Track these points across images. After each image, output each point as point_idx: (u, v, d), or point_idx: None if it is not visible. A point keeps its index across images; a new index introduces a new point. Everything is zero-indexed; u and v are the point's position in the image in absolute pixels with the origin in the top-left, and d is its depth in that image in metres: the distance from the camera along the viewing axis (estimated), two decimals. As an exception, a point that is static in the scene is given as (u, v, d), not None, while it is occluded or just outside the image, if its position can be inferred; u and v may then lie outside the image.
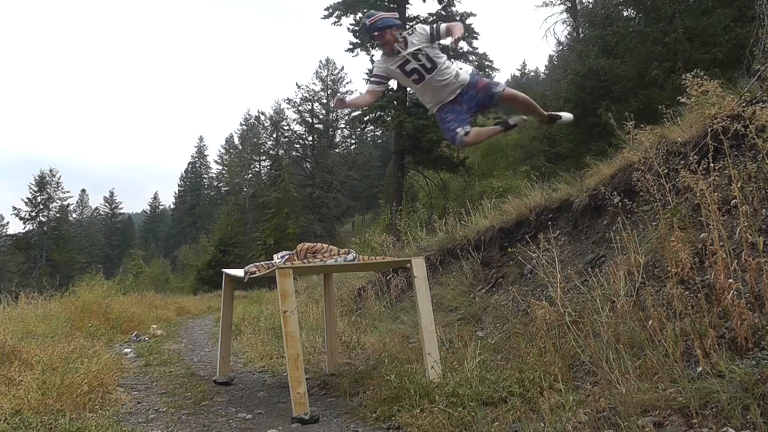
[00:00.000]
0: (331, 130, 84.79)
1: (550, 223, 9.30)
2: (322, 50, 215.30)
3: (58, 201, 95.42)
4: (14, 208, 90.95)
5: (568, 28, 45.89)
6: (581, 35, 39.27)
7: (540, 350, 5.73)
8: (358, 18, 47.16)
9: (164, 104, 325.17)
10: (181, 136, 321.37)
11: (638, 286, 5.65)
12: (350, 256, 6.99)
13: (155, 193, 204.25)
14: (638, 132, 7.40)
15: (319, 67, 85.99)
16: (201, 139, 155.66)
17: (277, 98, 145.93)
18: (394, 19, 6.93)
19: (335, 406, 6.54)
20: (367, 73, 49.14)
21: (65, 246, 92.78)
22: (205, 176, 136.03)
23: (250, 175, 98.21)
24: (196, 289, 68.65)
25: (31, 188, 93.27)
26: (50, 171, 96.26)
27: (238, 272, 6.64)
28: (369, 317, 12.15)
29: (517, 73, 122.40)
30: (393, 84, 48.62)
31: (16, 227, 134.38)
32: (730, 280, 4.54)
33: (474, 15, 48.60)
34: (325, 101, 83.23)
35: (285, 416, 6.21)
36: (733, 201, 5.02)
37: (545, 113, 7.36)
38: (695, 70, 6.84)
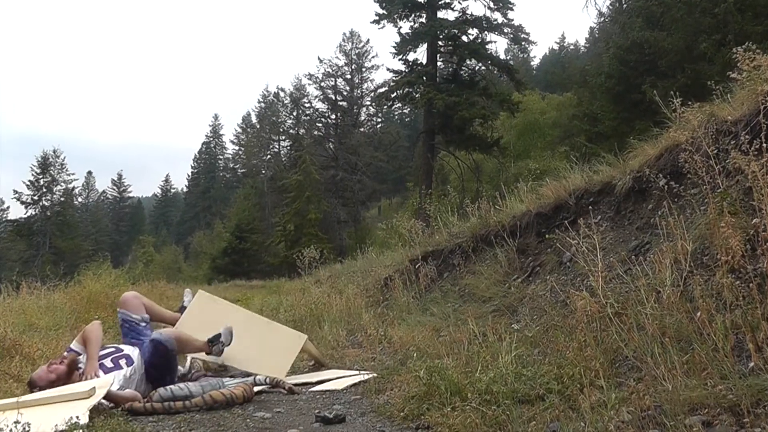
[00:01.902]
0: (355, 107, 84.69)
1: (590, 207, 9.24)
2: (345, 22, 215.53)
3: (62, 184, 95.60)
4: (15, 192, 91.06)
5: (611, -2, 45.58)
6: (624, 6, 39.22)
7: (580, 344, 5.71)
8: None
9: (177, 79, 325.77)
10: (195, 114, 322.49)
11: (685, 275, 5.61)
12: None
13: (167, 175, 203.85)
14: (685, 110, 7.34)
15: (343, 40, 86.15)
16: (216, 117, 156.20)
17: (298, 73, 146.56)
18: None
19: (360, 404, 6.57)
20: (394, 47, 49.01)
21: (70, 232, 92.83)
22: (221, 157, 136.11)
23: (269, 156, 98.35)
24: (210, 279, 68.70)
25: (33, 170, 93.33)
26: (54, 151, 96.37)
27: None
28: (396, 309, 12.14)
29: (556, 47, 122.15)
30: (421, 57, 48.62)
31: (17, 212, 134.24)
32: (785, 269, 4.52)
33: (509, -18, 48.43)
34: (349, 77, 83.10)
35: (306, 415, 6.23)
36: (788, 183, 4.98)
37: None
38: (747, 43, 6.76)
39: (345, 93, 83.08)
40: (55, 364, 6.85)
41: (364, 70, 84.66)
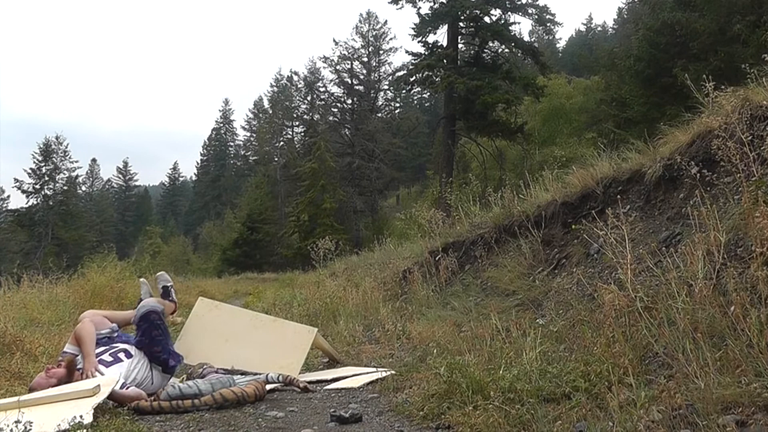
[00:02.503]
0: (372, 92, 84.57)
1: (619, 196, 9.22)
2: (362, 2, 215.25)
3: (65, 172, 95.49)
4: (16, 180, 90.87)
5: (641, -24, 45.38)
6: (655, -16, 38.87)
7: (608, 340, 5.69)
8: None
9: (186, 63, 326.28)
10: (205, 99, 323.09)
11: (718, 267, 5.60)
12: None
13: (175, 163, 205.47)
14: (718, 94, 7.32)
15: (360, 22, 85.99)
16: (226, 102, 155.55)
17: (312, 56, 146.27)
18: None
19: (377, 402, 6.57)
20: (413, 28, 48.99)
21: (73, 222, 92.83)
22: (231, 144, 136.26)
23: (282, 143, 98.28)
24: (220, 271, 69.01)
25: (34, 157, 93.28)
26: (56, 138, 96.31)
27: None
28: (415, 303, 12.16)
29: (582, 28, 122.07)
30: (442, 39, 48.59)
31: (18, 201, 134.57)
32: (824, 261, 4.50)
33: (534, -39, 48.30)
34: (365, 60, 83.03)
35: (321, 414, 6.22)
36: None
37: None
38: (784, 23, 6.74)
39: (362, 77, 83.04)
40: (53, 368, 6.84)
41: (381, 52, 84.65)
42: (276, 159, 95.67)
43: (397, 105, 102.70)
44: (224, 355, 8.17)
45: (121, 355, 7.26)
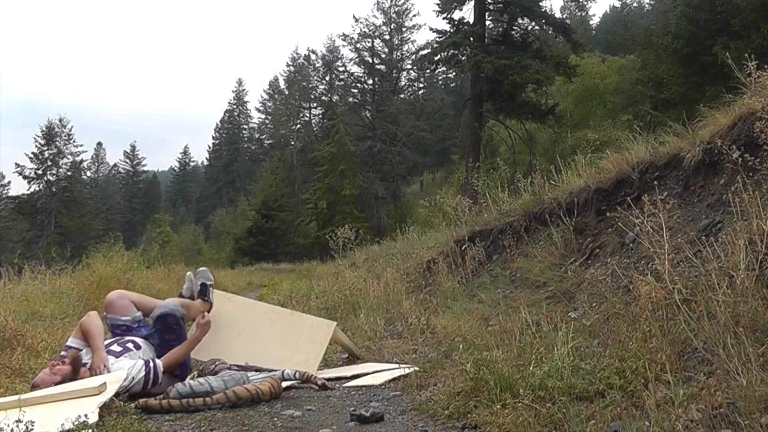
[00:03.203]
0: (394, 71, 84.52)
1: (656, 182, 9.16)
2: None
3: (69, 156, 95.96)
4: (17, 165, 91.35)
5: (679, -52, 45.15)
6: (694, -42, 38.70)
7: (644, 334, 5.68)
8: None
9: (196, 40, 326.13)
10: (217, 79, 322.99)
11: (761, 257, 5.57)
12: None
13: (185, 147, 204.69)
14: (761, 74, 7.29)
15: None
16: (240, 82, 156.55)
17: (331, 34, 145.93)
18: None
19: (400, 401, 6.58)
20: (438, 4, 48.90)
21: (77, 210, 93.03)
22: (245, 127, 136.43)
23: (299, 126, 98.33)
24: (234, 262, 69.20)
25: (37, 141, 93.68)
26: (60, 120, 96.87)
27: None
28: (440, 295, 12.16)
29: (617, 4, 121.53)
30: (468, 16, 48.44)
31: (19, 188, 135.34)
32: None
33: (565, -67, 48.20)
34: (387, 38, 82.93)
35: (341, 413, 6.22)
36: None
37: None
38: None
39: (383, 56, 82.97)
40: (57, 365, 6.81)
41: (404, 30, 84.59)
42: (292, 143, 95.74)
43: (421, 85, 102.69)
44: (238, 351, 8.18)
45: (130, 346, 7.30)
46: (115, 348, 7.19)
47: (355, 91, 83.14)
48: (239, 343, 8.37)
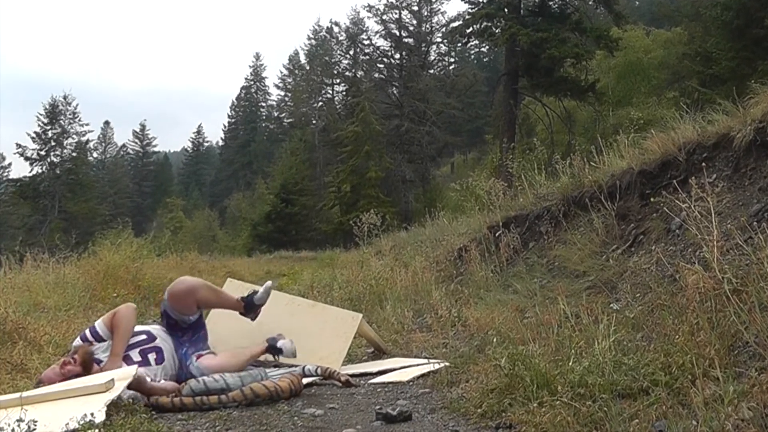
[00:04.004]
0: (424, 45, 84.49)
1: (704, 164, 9.12)
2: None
3: (74, 136, 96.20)
4: (18, 146, 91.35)
5: None
6: None
7: (691, 327, 5.66)
8: None
9: (210, 11, 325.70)
10: (233, 54, 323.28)
11: (819, 244, 5.56)
12: None
13: (198, 126, 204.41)
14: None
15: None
16: (257, 56, 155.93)
17: (355, 5, 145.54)
18: None
19: (429, 398, 6.57)
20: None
21: (83, 194, 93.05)
22: (263, 105, 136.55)
23: (321, 104, 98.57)
24: (251, 249, 69.38)
25: (39, 120, 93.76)
26: (64, 98, 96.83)
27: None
28: (473, 285, 12.16)
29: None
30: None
31: (20, 170, 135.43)
32: None
33: None
34: (416, 8, 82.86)
35: (365, 411, 6.23)
36: None
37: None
38: None
39: (411, 28, 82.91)
40: (69, 365, 6.71)
41: (433, 0, 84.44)
42: (314, 122, 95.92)
43: (452, 60, 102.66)
44: (250, 350, 8.17)
45: (151, 357, 7.17)
46: (134, 355, 7.08)
47: (381, 66, 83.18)
48: (257, 336, 8.34)
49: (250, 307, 7.97)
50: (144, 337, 7.32)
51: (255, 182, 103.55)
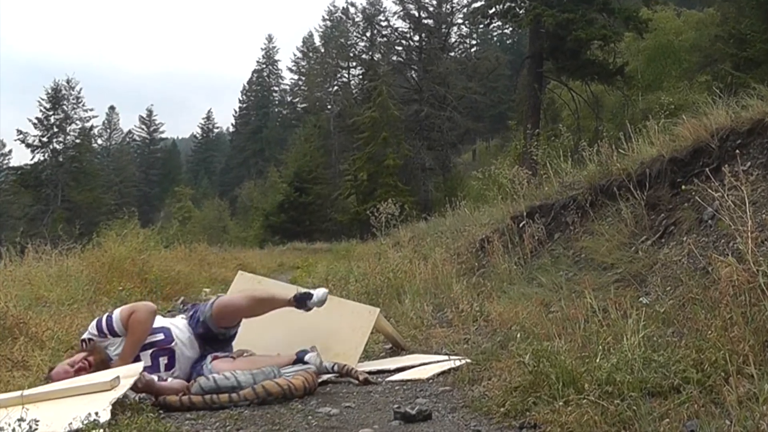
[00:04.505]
0: (444, 26, 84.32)
1: (738, 151, 9.09)
2: None
3: (77, 122, 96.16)
4: (19, 132, 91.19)
5: None
6: None
7: (725, 322, 5.64)
8: None
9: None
10: (244, 35, 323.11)
11: None
12: None
13: (208, 111, 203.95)
14: None
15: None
16: (270, 38, 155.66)
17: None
18: None
19: (450, 397, 6.57)
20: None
21: (87, 182, 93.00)
22: (276, 89, 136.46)
23: (336, 88, 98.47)
24: (263, 241, 69.47)
25: (41, 105, 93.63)
26: (67, 82, 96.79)
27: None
28: (495, 278, 12.15)
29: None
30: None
31: (21, 157, 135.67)
32: None
33: None
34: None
35: (383, 410, 6.22)
36: None
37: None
38: None
39: (431, 8, 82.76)
40: (84, 370, 6.61)
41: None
42: (329, 107, 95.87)
43: (474, 42, 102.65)
44: (268, 341, 8.13)
45: (162, 361, 7.10)
46: (145, 359, 6.98)
47: (400, 48, 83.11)
48: (269, 332, 8.32)
49: (301, 305, 7.99)
50: (161, 337, 7.23)
51: (267, 170, 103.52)
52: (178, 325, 7.52)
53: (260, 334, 8.21)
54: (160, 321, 7.45)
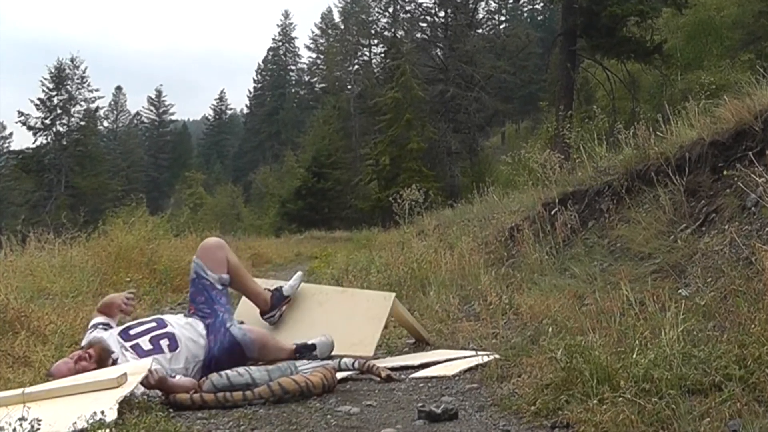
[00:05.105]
0: (471, 2, 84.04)
1: (784, 134, 9.12)
2: None
3: (82, 103, 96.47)
4: (20, 114, 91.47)
5: None
6: None
7: (769, 316, 5.65)
8: None
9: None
10: (258, 11, 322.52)
11: None
12: None
13: (221, 92, 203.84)
14: None
15: None
16: (286, 14, 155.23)
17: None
18: None
19: (478, 395, 6.56)
20: None
21: (93, 167, 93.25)
22: (293, 68, 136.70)
23: (357, 67, 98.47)
24: (279, 229, 69.59)
25: (44, 85, 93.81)
26: (71, 61, 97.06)
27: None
28: (525, 269, 12.15)
29: None
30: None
31: (23, 140, 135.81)
32: None
33: None
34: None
35: (406, 409, 6.19)
36: None
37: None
38: None
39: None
40: (84, 361, 6.63)
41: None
42: (349, 87, 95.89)
43: (502, 19, 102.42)
44: (283, 335, 8.15)
45: (163, 343, 7.08)
46: (144, 344, 7.00)
47: (424, 25, 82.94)
48: (283, 334, 8.33)
49: (278, 300, 8.07)
50: (153, 324, 7.29)
51: (283, 154, 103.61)
52: (170, 316, 7.69)
53: (275, 329, 8.23)
54: (149, 317, 7.62)
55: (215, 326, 7.43)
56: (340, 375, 7.30)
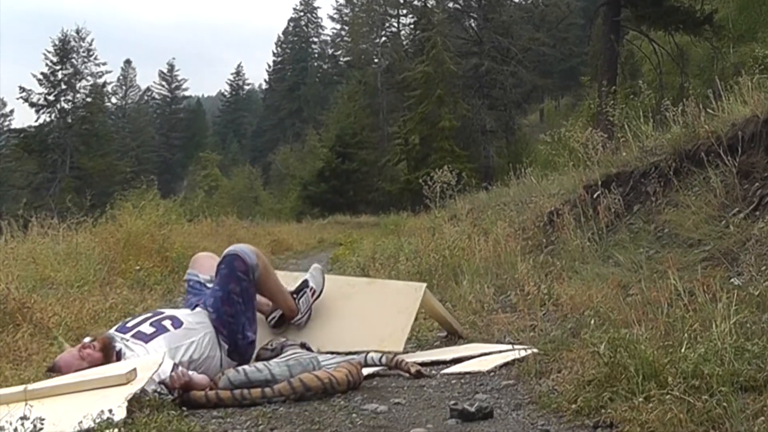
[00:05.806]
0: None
1: None
2: None
3: (89, 78, 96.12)
4: (22, 90, 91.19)
5: None
6: None
7: (830, 307, 5.62)
8: None
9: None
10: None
11: None
12: None
13: (238, 66, 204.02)
14: None
15: None
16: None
17: None
18: None
19: (514, 392, 6.53)
20: None
21: (100, 147, 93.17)
22: (315, 40, 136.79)
23: (384, 39, 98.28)
24: (300, 213, 69.60)
25: (47, 58, 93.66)
26: (77, 32, 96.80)
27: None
28: (565, 256, 12.14)
29: None
30: None
31: (25, 118, 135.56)
32: None
33: None
34: None
35: (437, 407, 6.14)
36: None
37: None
38: None
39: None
40: (89, 349, 6.60)
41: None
42: (376, 60, 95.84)
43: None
44: (308, 337, 8.15)
45: (167, 323, 7.03)
46: (146, 329, 6.94)
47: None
48: (306, 330, 8.32)
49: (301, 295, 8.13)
50: (149, 314, 7.33)
51: (305, 133, 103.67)
52: (172, 310, 7.68)
53: (298, 334, 8.22)
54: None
55: (208, 298, 7.47)
56: (366, 371, 7.26)
